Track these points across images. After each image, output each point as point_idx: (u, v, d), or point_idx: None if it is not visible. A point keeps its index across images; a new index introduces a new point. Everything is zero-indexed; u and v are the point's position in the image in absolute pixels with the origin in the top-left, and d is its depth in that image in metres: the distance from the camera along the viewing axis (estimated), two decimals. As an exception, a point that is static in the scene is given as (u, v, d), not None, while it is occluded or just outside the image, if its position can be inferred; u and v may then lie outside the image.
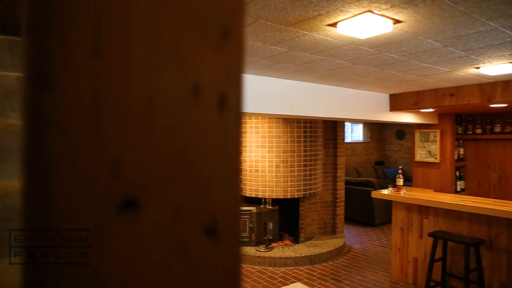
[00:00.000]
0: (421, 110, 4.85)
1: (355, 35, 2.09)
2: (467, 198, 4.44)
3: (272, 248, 5.70)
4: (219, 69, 0.53)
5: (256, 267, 5.37)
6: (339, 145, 6.43)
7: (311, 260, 5.44)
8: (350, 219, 7.98)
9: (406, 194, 4.73)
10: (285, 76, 3.58)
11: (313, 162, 5.90)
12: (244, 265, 5.41)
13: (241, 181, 0.60)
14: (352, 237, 6.94)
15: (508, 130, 5.33)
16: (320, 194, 6.38)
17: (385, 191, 4.99)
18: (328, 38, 2.27)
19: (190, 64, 0.51)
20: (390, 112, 4.77)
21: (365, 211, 7.61)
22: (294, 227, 6.26)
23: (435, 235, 4.19)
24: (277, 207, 5.96)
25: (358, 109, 4.43)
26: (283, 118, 5.67)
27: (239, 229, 0.59)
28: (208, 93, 0.52)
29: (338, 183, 6.47)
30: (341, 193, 6.52)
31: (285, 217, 6.42)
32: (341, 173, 6.50)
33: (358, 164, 10.53)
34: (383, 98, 4.73)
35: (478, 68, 3.13)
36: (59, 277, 0.43)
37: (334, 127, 6.45)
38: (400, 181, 4.85)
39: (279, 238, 6.09)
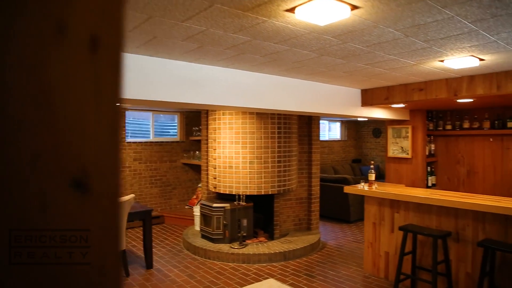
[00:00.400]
0: (392, 106, 4.90)
1: (314, 21, 2.07)
2: (436, 192, 4.50)
3: (246, 245, 5.66)
4: (91, 6, 0.48)
5: (229, 264, 5.32)
6: (313, 142, 6.45)
7: (285, 256, 5.43)
8: (326, 216, 8.02)
9: (378, 188, 4.77)
10: (253, 69, 3.55)
11: (287, 158, 5.89)
12: (218, 262, 5.36)
13: (121, 138, 0.55)
14: (328, 233, 6.96)
15: (476, 126, 5.44)
16: (295, 191, 6.38)
17: (357, 186, 5.02)
18: (289, 25, 2.24)
19: (54, -2, 0.47)
20: (362, 107, 4.80)
21: (341, 208, 7.66)
22: (268, 224, 6.24)
23: (405, 229, 4.23)
24: (251, 204, 5.92)
25: (330, 103, 4.44)
26: (256, 114, 5.64)
27: (118, 187, 0.54)
28: (76, 31, 0.47)
29: (313, 180, 6.48)
30: (316, 190, 6.53)
31: (260, 214, 6.40)
32: (316, 170, 6.51)
33: (335, 162, 10.61)
34: (355, 93, 4.75)
35: (442, 61, 3.17)
36: None
37: (309, 123, 6.46)
38: (372, 176, 4.88)
39: (253, 235, 6.06)
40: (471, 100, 4.26)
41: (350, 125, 11.42)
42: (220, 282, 4.67)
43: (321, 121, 10.87)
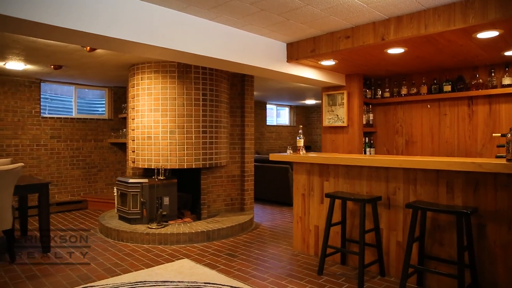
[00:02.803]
0: (322, 63, 4.35)
1: None
2: (365, 156, 3.99)
3: (167, 225, 4.95)
4: None
5: (144, 245, 4.58)
6: (247, 114, 5.83)
7: (208, 236, 4.75)
8: (267, 200, 7.44)
9: (306, 154, 4.21)
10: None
11: (214, 129, 5.23)
12: (131, 244, 4.60)
13: None
14: (265, 215, 6.35)
15: (413, 92, 5.01)
16: (227, 167, 5.73)
17: (284, 154, 4.44)
18: None
19: None
20: (288, 63, 4.22)
21: (282, 191, 7.08)
22: (197, 204, 5.55)
23: (332, 196, 3.67)
24: (175, 180, 5.21)
25: (248, 54, 3.81)
26: (178, 78, 4.96)
27: None
28: None
29: (246, 156, 5.85)
30: (249, 167, 5.91)
31: (189, 193, 5.69)
32: (249, 145, 5.89)
33: (283, 148, 10.07)
34: (280, 47, 4.16)
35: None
36: None
37: (241, 94, 5.84)
38: (300, 142, 4.31)
39: (179, 215, 5.34)
40: (402, 50, 3.77)
41: (299, 111, 10.94)
42: (125, 264, 3.93)
43: (269, 106, 10.32)
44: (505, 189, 2.89)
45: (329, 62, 4.31)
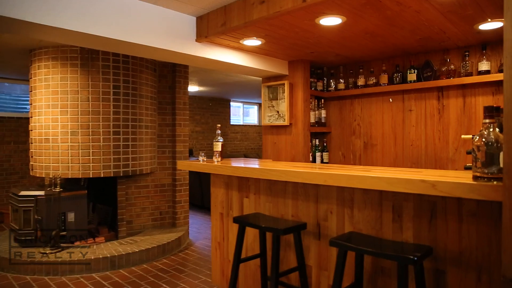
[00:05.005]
0: (245, 43, 3.24)
1: None
2: (291, 165, 2.90)
3: (68, 247, 3.86)
4: None
5: (26, 277, 3.49)
6: (178, 111, 4.72)
7: (113, 263, 3.66)
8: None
9: (221, 162, 3.11)
10: None
11: (131, 130, 4.14)
12: (10, 276, 3.51)
13: None
14: (206, 230, 5.25)
15: (371, 82, 3.90)
16: (154, 175, 4.63)
17: (193, 160, 3.34)
18: None
19: None
20: (197, 42, 3.12)
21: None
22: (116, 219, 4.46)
23: (240, 221, 2.58)
24: (84, 192, 4.12)
25: (140, 29, 2.73)
26: (81, 66, 3.87)
27: None
28: None
29: (178, 161, 4.75)
30: (183, 174, 4.81)
31: (109, 206, 4.60)
32: (182, 148, 4.79)
33: (250, 149, 8.96)
34: (186, 21, 3.07)
35: None
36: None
37: (172, 87, 4.74)
38: (217, 146, 3.21)
39: (94, 233, 4.26)
40: (340, 20, 2.66)
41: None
42: (-23, 309, 2.85)
43: (234, 104, 9.21)
44: (473, 220, 1.82)
45: (253, 42, 3.20)
